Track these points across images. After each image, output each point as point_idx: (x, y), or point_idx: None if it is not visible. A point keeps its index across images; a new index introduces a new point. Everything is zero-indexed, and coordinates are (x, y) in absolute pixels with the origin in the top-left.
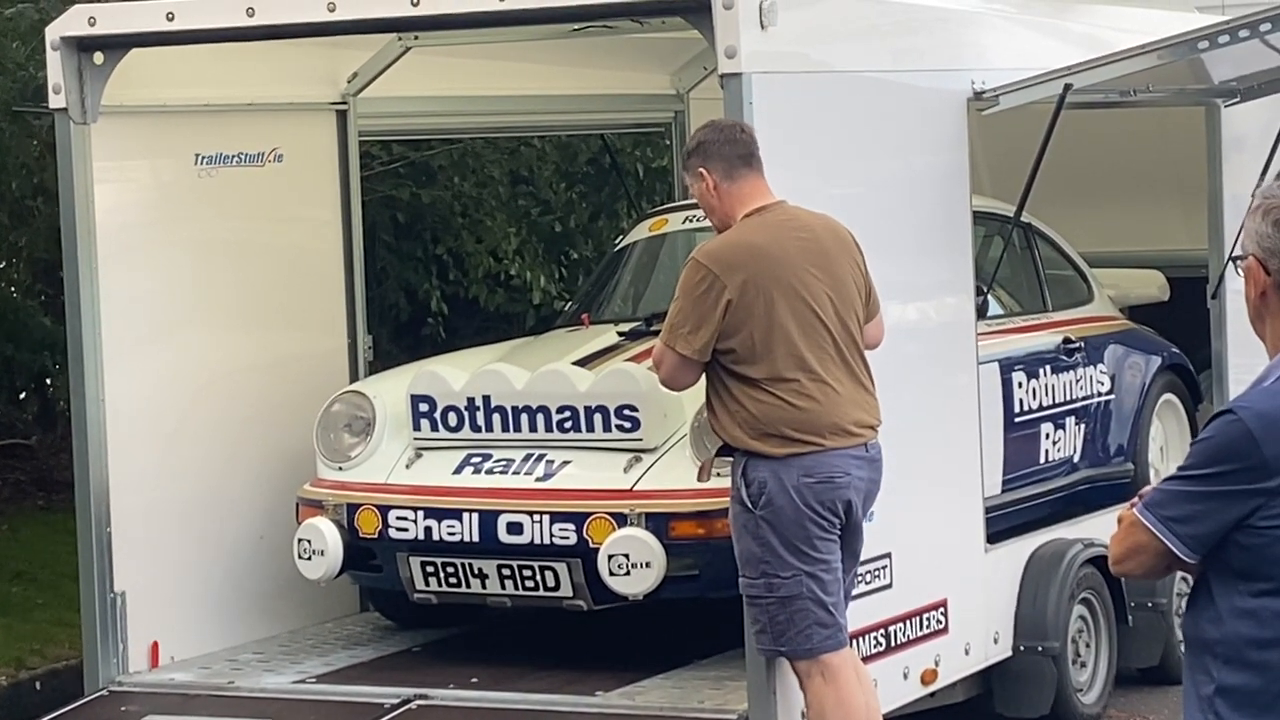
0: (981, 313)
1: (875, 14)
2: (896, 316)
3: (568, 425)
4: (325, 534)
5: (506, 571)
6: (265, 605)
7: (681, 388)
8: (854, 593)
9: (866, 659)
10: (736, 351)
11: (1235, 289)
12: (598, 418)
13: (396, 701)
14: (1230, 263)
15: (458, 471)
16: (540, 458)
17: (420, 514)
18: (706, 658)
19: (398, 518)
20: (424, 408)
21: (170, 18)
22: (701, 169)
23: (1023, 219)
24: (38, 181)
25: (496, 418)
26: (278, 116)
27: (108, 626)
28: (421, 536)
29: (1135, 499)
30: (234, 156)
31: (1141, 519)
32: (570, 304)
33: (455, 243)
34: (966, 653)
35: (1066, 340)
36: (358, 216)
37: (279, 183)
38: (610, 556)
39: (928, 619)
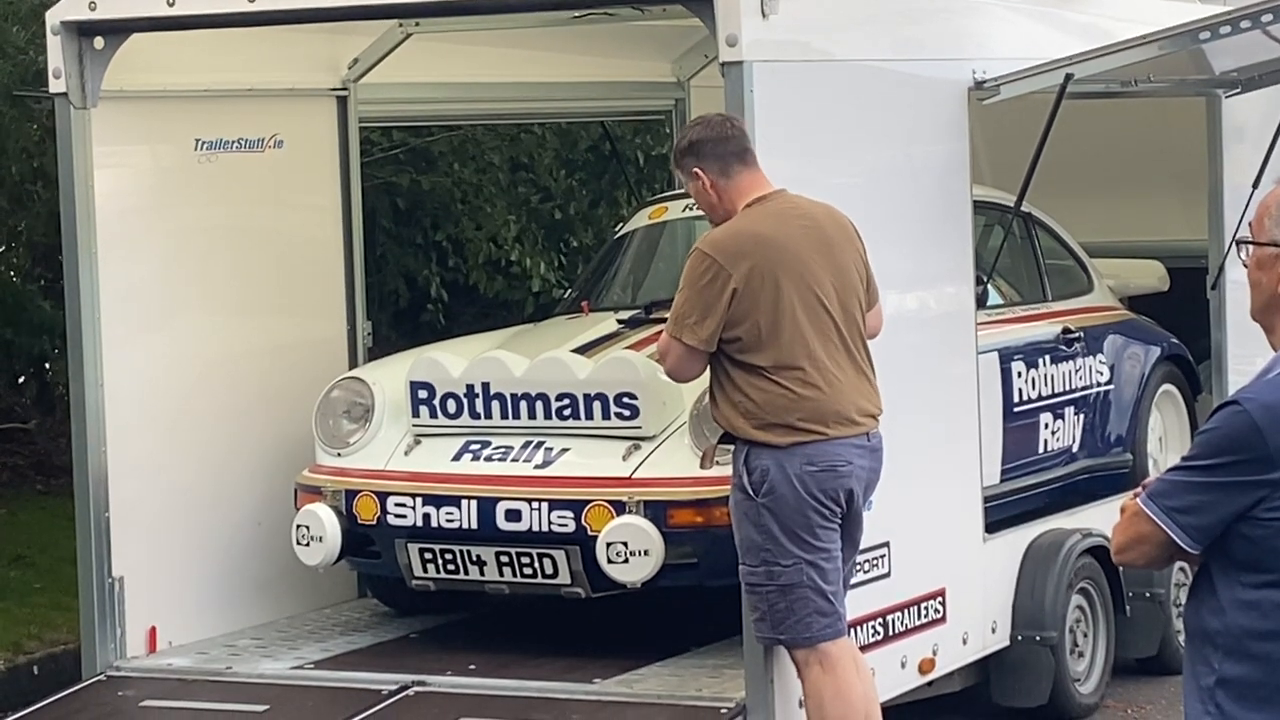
0: (981, 302)
1: (877, 3)
2: (896, 306)
3: (567, 413)
4: (324, 520)
5: (505, 559)
6: (263, 591)
7: (688, 379)
8: (852, 581)
9: (864, 648)
10: (742, 340)
11: (1235, 279)
12: (597, 405)
13: (394, 688)
14: (1235, 245)
15: (456, 458)
16: (539, 445)
17: (419, 501)
18: (704, 646)
19: (396, 504)
20: (423, 394)
21: (171, 3)
22: (696, 169)
23: (1023, 209)
24: (37, 166)
25: (495, 405)
26: (278, 102)
27: (106, 611)
28: (420, 523)
29: (1138, 489)
30: (234, 142)
31: (1144, 509)
32: (570, 291)
33: (455, 229)
34: (964, 642)
35: (1066, 330)
36: (357, 202)
37: (279, 168)
38: (609, 544)
39: (926, 608)
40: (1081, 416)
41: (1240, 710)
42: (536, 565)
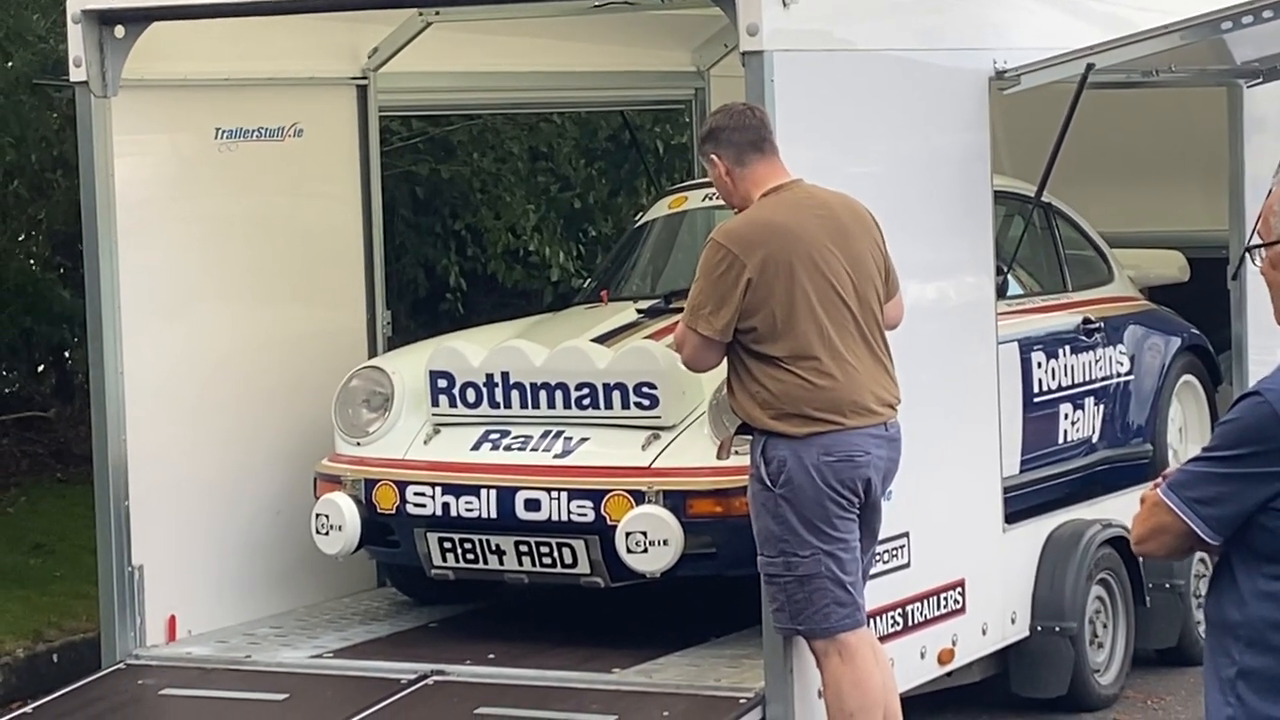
0: (1001, 292)
1: None
2: (916, 296)
3: (586, 402)
4: (343, 509)
5: (524, 548)
6: (282, 580)
7: (705, 369)
8: (872, 572)
9: (884, 638)
10: (758, 330)
11: (1256, 270)
12: (616, 395)
13: (413, 677)
14: (1248, 253)
15: (476, 448)
16: (558, 435)
17: (438, 490)
18: (723, 636)
19: (415, 493)
20: (442, 384)
21: None
22: (713, 155)
23: (1043, 199)
24: (57, 154)
25: (515, 394)
26: (298, 91)
27: (125, 600)
28: (439, 512)
29: (1159, 479)
30: (254, 131)
31: (1165, 500)
32: (589, 281)
33: (474, 218)
34: (984, 633)
35: (1086, 320)
36: (377, 192)
37: (298, 158)
38: (628, 534)
39: (945, 599)
40: (1101, 407)
41: (1261, 702)
42: (555, 555)
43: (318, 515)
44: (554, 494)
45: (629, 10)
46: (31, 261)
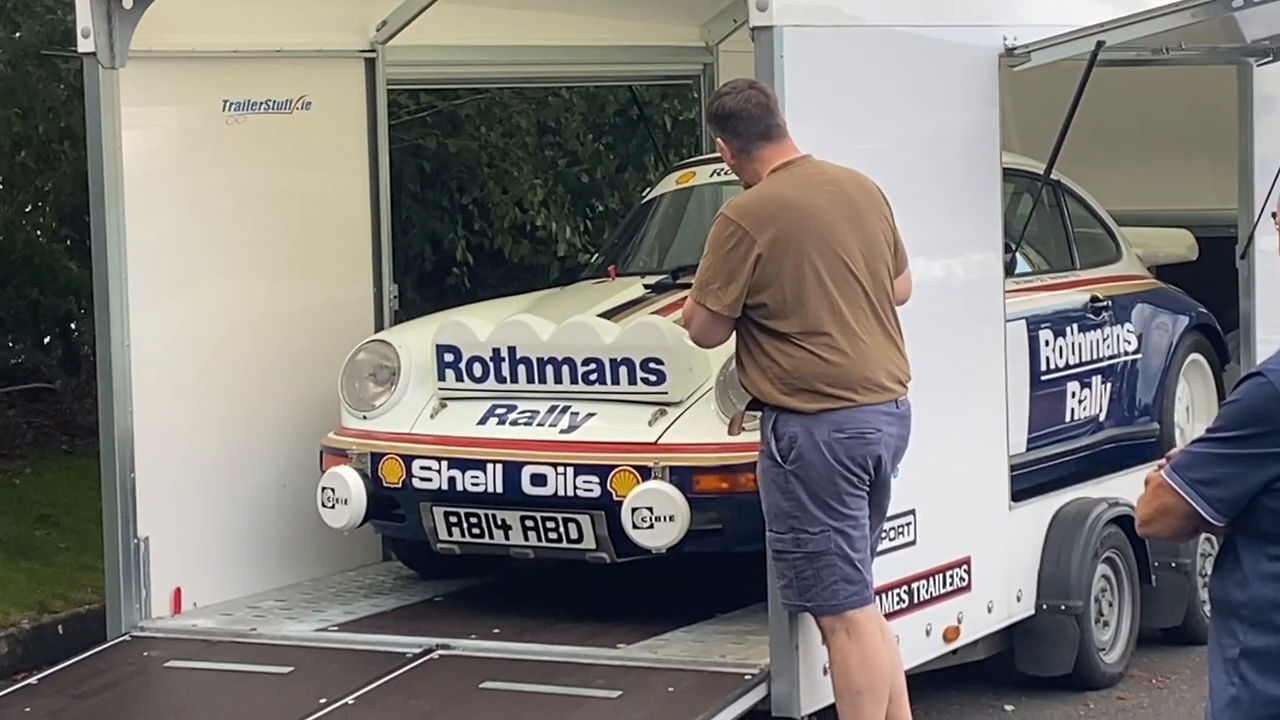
0: (1009, 270)
1: None
2: (924, 273)
3: (593, 377)
4: (349, 483)
5: (530, 523)
6: (288, 553)
7: (713, 344)
8: (878, 549)
9: (889, 615)
10: (767, 306)
11: (1264, 249)
12: (623, 370)
13: (418, 651)
14: (1273, 217)
15: (482, 422)
16: (565, 410)
17: (444, 464)
18: (729, 612)
19: (421, 467)
20: (449, 358)
21: None
22: (720, 139)
23: (1052, 176)
24: (65, 126)
25: (521, 369)
26: (306, 64)
27: (131, 572)
28: (445, 487)
29: (1163, 460)
30: (262, 103)
31: (1169, 481)
32: (596, 256)
33: (481, 193)
34: (989, 611)
35: (1094, 299)
36: (384, 165)
37: (306, 130)
38: (634, 509)
39: (951, 576)
40: (1109, 385)
41: (1264, 681)
42: (561, 530)
43: (323, 489)
44: (560, 469)
45: None
46: (38, 233)
